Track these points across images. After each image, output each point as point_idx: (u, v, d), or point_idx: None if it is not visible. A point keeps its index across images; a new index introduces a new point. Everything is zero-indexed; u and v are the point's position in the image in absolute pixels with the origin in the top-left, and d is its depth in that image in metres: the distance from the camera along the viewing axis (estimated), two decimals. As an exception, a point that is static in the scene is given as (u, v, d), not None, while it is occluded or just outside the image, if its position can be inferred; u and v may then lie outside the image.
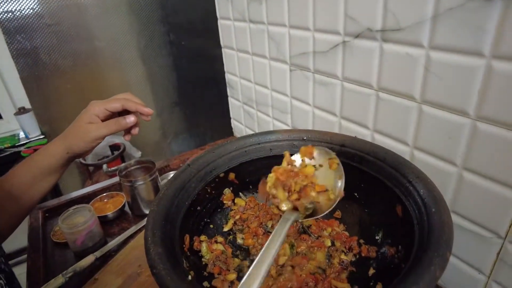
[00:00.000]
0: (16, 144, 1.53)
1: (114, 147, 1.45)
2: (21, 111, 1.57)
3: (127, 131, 0.59)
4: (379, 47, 0.56)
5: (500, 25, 0.40)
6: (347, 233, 0.54)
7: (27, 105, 1.60)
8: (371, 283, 0.43)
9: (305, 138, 0.56)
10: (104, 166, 1.39)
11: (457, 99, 0.47)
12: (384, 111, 0.59)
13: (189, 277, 0.37)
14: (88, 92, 1.42)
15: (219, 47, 1.09)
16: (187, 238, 0.45)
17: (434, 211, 0.37)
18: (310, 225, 0.55)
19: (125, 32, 1.41)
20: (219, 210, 0.57)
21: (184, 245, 0.44)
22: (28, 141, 1.56)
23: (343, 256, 0.49)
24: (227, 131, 1.25)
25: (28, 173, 0.56)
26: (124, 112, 0.57)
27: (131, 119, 0.56)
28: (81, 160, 1.43)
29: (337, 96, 0.68)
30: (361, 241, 0.51)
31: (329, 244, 0.52)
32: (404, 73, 0.54)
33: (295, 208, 0.42)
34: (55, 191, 1.44)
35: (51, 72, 1.36)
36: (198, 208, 0.51)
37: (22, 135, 1.61)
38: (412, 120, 0.55)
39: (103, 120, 0.56)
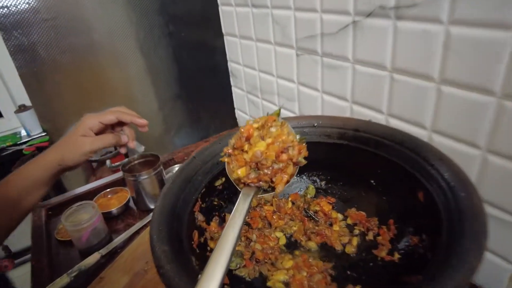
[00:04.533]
0: (18, 143, 1.51)
1: (117, 143, 1.43)
2: (22, 108, 1.54)
3: (122, 145, 0.60)
4: (392, 25, 0.52)
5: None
6: (363, 213, 0.51)
7: (28, 103, 1.58)
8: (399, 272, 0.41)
9: (315, 124, 0.53)
10: (108, 161, 1.37)
11: (481, 77, 0.44)
12: (399, 94, 0.56)
13: (199, 276, 0.34)
14: (88, 87, 1.40)
15: (219, 37, 1.05)
16: (195, 234, 0.43)
17: (463, 195, 0.34)
18: (317, 210, 0.53)
19: (123, 24, 1.38)
20: (229, 202, 0.54)
21: (193, 242, 0.41)
22: (30, 139, 1.54)
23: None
24: (231, 122, 1.22)
25: (20, 184, 0.54)
26: (118, 124, 0.59)
27: (125, 139, 0.59)
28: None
29: (348, 80, 0.64)
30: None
31: (339, 227, 0.49)
32: (420, 52, 0.50)
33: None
34: (60, 188, 1.43)
35: (50, 68, 1.34)
36: (207, 201, 0.48)
37: (23, 133, 1.59)
38: (430, 101, 0.51)
39: (96, 133, 0.56)
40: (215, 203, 0.50)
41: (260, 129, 0.40)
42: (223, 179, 0.51)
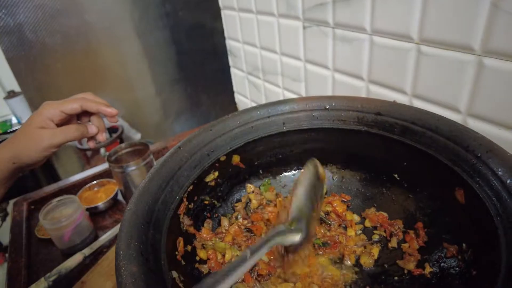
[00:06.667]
0: (8, 130, 1.45)
1: (111, 130, 1.36)
2: (11, 94, 1.47)
3: (91, 137, 0.51)
4: (422, -16, 0.42)
5: None
6: (385, 214, 0.42)
7: (17, 88, 1.50)
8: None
9: (327, 107, 0.44)
10: (102, 150, 1.31)
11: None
12: (428, 70, 0.47)
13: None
14: (81, 71, 1.34)
15: (218, 16, 0.95)
16: (180, 242, 0.35)
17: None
18: (329, 211, 0.44)
19: (117, 3, 1.31)
20: (224, 201, 0.46)
21: (177, 252, 0.33)
22: (20, 126, 1.48)
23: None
24: (233, 107, 1.14)
25: None
26: (85, 114, 0.50)
27: (93, 129, 0.50)
28: (78, 144, 1.35)
29: (364, 55, 0.55)
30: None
31: (355, 233, 0.41)
32: (458, 16, 0.40)
33: None
34: (53, 179, 1.37)
35: (39, 51, 1.27)
36: (196, 200, 0.40)
37: (14, 120, 1.52)
38: (468, 78, 0.42)
39: (58, 125, 0.48)
40: (206, 202, 0.42)
41: None
42: (216, 173, 0.42)
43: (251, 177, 0.47)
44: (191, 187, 0.38)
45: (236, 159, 0.44)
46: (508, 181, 0.29)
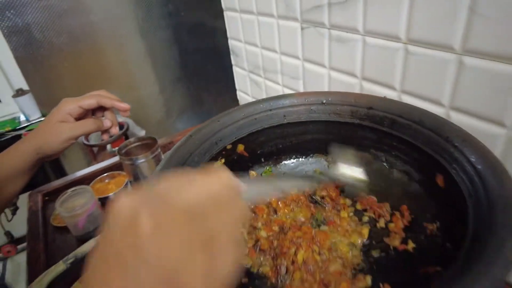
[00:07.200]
0: (17, 128, 1.48)
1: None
2: (19, 93, 1.50)
3: (105, 130, 0.57)
4: (409, -11, 0.47)
5: None
6: (374, 198, 0.47)
7: (25, 87, 1.54)
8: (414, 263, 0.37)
9: (324, 101, 0.49)
10: (108, 146, 1.34)
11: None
12: (415, 68, 0.51)
13: None
14: (87, 70, 1.37)
15: (220, 16, 0.99)
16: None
17: (494, 182, 0.30)
18: (324, 196, 0.49)
19: (121, 3, 1.34)
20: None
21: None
22: (29, 123, 1.51)
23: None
24: (234, 105, 1.18)
25: (10, 164, 0.51)
26: (99, 109, 0.56)
27: (107, 123, 0.56)
28: (84, 140, 1.39)
29: (357, 54, 0.59)
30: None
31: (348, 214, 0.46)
32: (440, 19, 0.45)
33: None
34: (61, 173, 1.42)
35: (47, 50, 1.30)
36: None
37: (22, 118, 1.56)
38: (450, 75, 0.46)
39: (76, 119, 0.53)
40: (214, 187, 0.46)
41: None
42: (223, 160, 0.47)
43: (254, 165, 0.52)
44: (201, 173, 0.42)
45: (240, 148, 0.49)
46: (479, 167, 0.33)
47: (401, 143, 0.43)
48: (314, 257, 0.40)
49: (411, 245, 0.39)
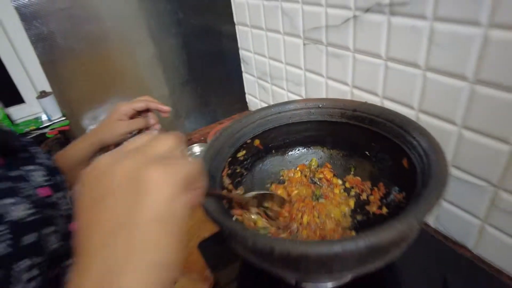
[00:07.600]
0: (40, 127, 1.62)
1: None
2: (42, 94, 1.64)
3: (148, 127, 0.71)
4: (387, 20, 0.61)
5: (495, -3, 0.45)
6: (359, 178, 0.62)
7: (48, 89, 1.66)
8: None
9: (320, 105, 0.63)
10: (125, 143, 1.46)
11: (457, 65, 0.53)
12: (392, 79, 0.65)
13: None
14: (101, 74, 1.43)
15: (227, 23, 1.12)
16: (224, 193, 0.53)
17: (434, 159, 0.45)
18: (321, 177, 0.64)
19: (134, 11, 1.43)
20: (249, 171, 0.65)
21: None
22: (51, 123, 1.64)
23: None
24: (238, 107, 1.29)
25: (71, 159, 0.65)
26: (144, 111, 0.70)
27: (152, 121, 0.70)
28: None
29: (349, 67, 0.73)
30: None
31: (339, 191, 0.60)
32: (409, 44, 0.59)
33: None
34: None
35: (68, 56, 1.39)
36: (231, 168, 0.59)
37: (44, 117, 1.69)
38: (417, 86, 0.61)
39: (129, 118, 0.67)
40: (238, 170, 0.61)
41: None
42: (244, 151, 0.61)
43: (267, 155, 0.66)
44: (229, 159, 0.57)
45: (257, 142, 0.63)
46: (427, 150, 0.48)
47: (378, 136, 0.57)
48: (315, 220, 0.54)
49: (384, 210, 0.54)
